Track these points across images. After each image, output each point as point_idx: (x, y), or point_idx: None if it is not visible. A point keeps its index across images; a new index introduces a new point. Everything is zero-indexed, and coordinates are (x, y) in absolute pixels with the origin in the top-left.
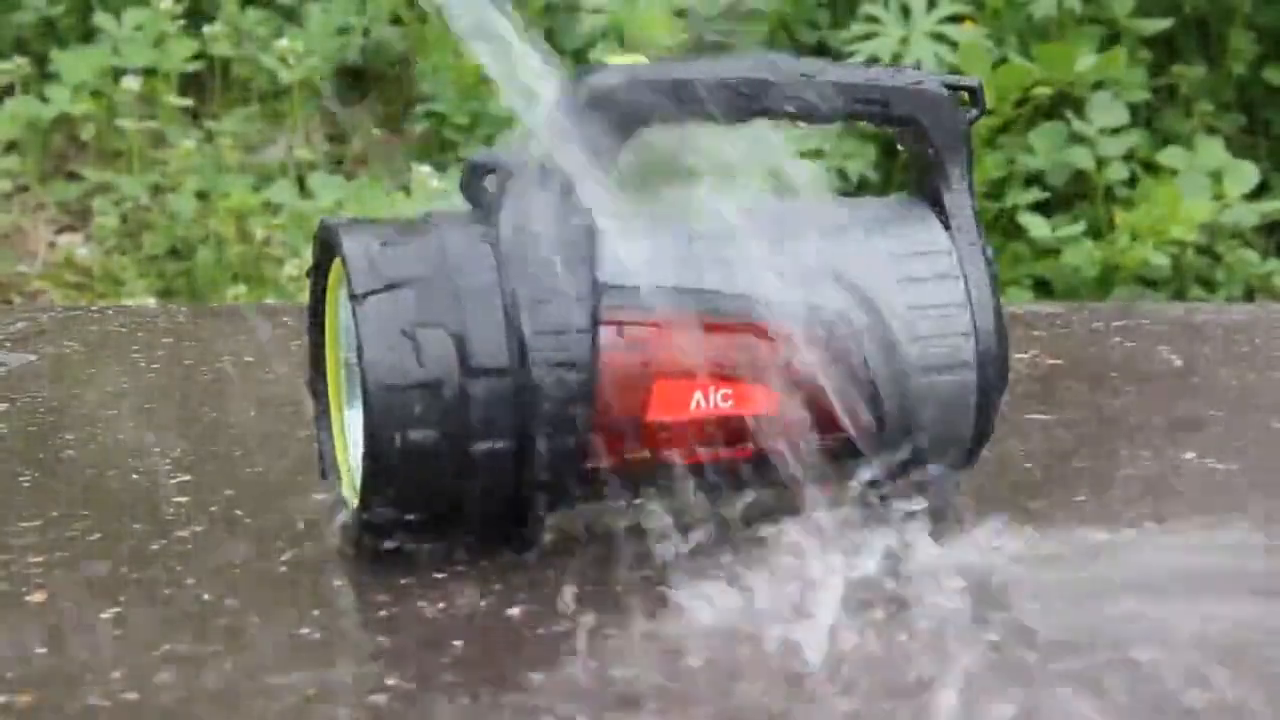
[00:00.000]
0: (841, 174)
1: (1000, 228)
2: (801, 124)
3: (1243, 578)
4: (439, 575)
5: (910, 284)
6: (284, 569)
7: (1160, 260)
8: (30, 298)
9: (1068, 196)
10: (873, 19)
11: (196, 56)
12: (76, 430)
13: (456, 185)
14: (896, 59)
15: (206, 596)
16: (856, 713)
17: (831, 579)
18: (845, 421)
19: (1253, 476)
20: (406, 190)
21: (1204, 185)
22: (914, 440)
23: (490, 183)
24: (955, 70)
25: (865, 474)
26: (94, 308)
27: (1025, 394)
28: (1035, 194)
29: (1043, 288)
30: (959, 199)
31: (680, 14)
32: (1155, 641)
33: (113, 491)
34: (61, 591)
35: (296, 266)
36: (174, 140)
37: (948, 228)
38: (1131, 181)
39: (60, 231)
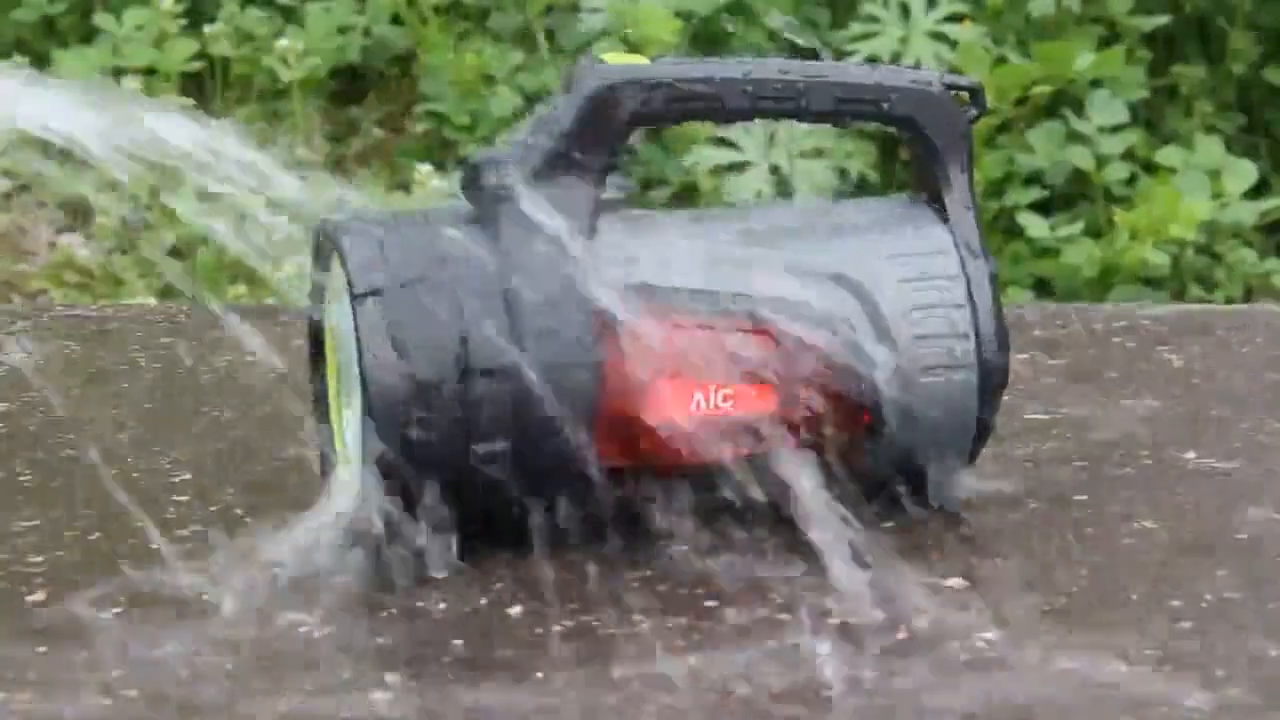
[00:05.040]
0: (841, 174)
1: (1000, 227)
2: (802, 123)
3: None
4: (439, 575)
5: (911, 284)
6: (284, 569)
7: (1160, 260)
8: (30, 298)
9: (1067, 196)
10: (872, 18)
11: (197, 56)
12: (76, 430)
13: (457, 185)
14: (896, 58)
15: (206, 596)
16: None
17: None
18: (845, 422)
19: (1253, 476)
20: (407, 190)
21: (1203, 184)
22: (914, 440)
23: (490, 182)
24: (955, 70)
25: (865, 474)
26: (94, 308)
27: (1025, 394)
28: (1034, 193)
29: (1043, 287)
30: (959, 199)
31: (681, 13)
32: None
33: (113, 491)
34: (61, 591)
35: (296, 266)
36: None
37: (948, 228)
38: (1131, 181)
39: (60, 231)
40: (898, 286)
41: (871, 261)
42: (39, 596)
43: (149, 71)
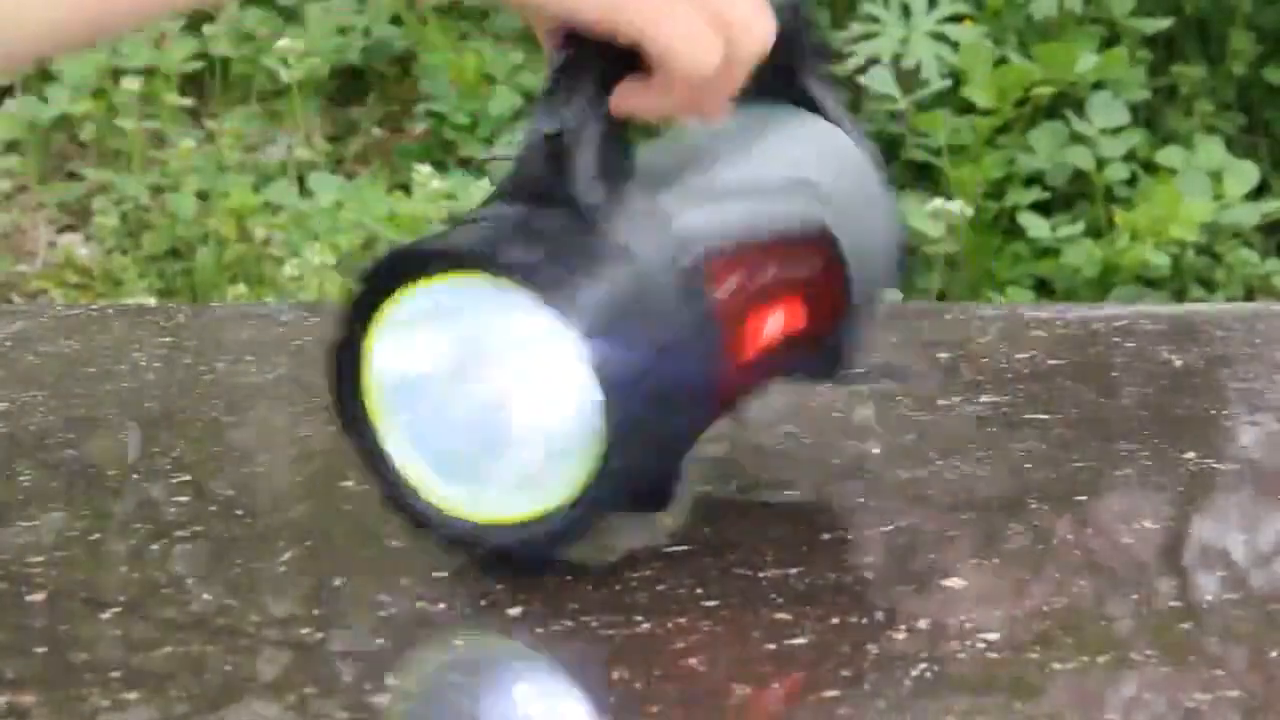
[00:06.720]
0: None
1: (1000, 227)
2: None
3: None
4: (439, 575)
5: (842, 176)
6: (284, 569)
7: (1160, 260)
8: (30, 298)
9: (1068, 196)
10: (873, 19)
11: (197, 56)
12: (76, 430)
13: (516, 158)
14: (896, 59)
15: (206, 596)
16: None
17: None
18: (838, 310)
19: (1254, 477)
20: (407, 190)
21: (1204, 185)
22: (867, 288)
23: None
24: (956, 71)
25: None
26: (94, 308)
27: (1025, 394)
28: (1035, 194)
29: (1043, 288)
30: (827, 95)
31: None
32: None
33: (113, 491)
34: (61, 591)
35: (296, 266)
36: (174, 140)
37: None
38: (1131, 181)
39: (60, 231)
40: (834, 181)
41: (807, 158)
42: (39, 597)
43: (149, 72)
